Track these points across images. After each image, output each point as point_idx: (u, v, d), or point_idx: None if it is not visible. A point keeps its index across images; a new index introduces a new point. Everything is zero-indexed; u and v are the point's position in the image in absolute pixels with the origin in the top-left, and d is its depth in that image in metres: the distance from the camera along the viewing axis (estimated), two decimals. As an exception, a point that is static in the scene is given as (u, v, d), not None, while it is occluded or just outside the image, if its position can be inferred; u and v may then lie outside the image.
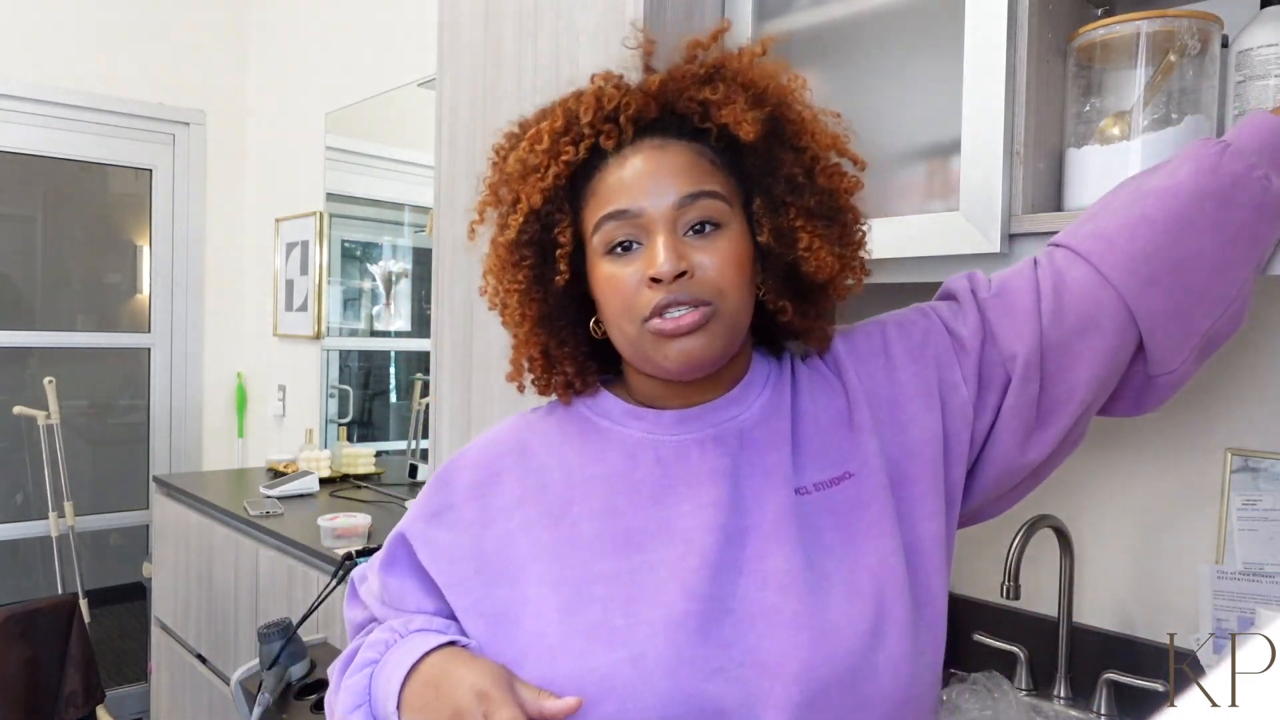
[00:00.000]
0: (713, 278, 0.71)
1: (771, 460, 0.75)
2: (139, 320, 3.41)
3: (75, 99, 3.15)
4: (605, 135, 0.74)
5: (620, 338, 0.75)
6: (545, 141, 0.75)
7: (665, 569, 0.70)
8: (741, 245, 0.74)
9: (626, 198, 0.72)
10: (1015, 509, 1.31)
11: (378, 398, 2.95)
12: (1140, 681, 1.13)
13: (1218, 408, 1.15)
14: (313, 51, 3.10)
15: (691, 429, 0.77)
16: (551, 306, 0.78)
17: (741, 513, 0.73)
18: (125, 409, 3.44)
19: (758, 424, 0.77)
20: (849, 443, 0.77)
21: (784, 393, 0.79)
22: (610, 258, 0.74)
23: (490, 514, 0.77)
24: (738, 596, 0.69)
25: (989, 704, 1.13)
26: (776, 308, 0.78)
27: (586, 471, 0.77)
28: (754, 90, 0.75)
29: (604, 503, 0.75)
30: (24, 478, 3.19)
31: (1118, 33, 0.98)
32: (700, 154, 0.74)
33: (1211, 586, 1.10)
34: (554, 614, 0.70)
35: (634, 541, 0.72)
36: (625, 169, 0.73)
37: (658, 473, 0.75)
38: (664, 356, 0.72)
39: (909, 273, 1.16)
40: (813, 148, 0.77)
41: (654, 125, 0.75)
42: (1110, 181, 0.97)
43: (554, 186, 0.75)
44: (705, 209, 0.72)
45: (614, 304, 0.74)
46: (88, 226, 3.37)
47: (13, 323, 3.18)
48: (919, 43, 1.14)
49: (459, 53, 1.56)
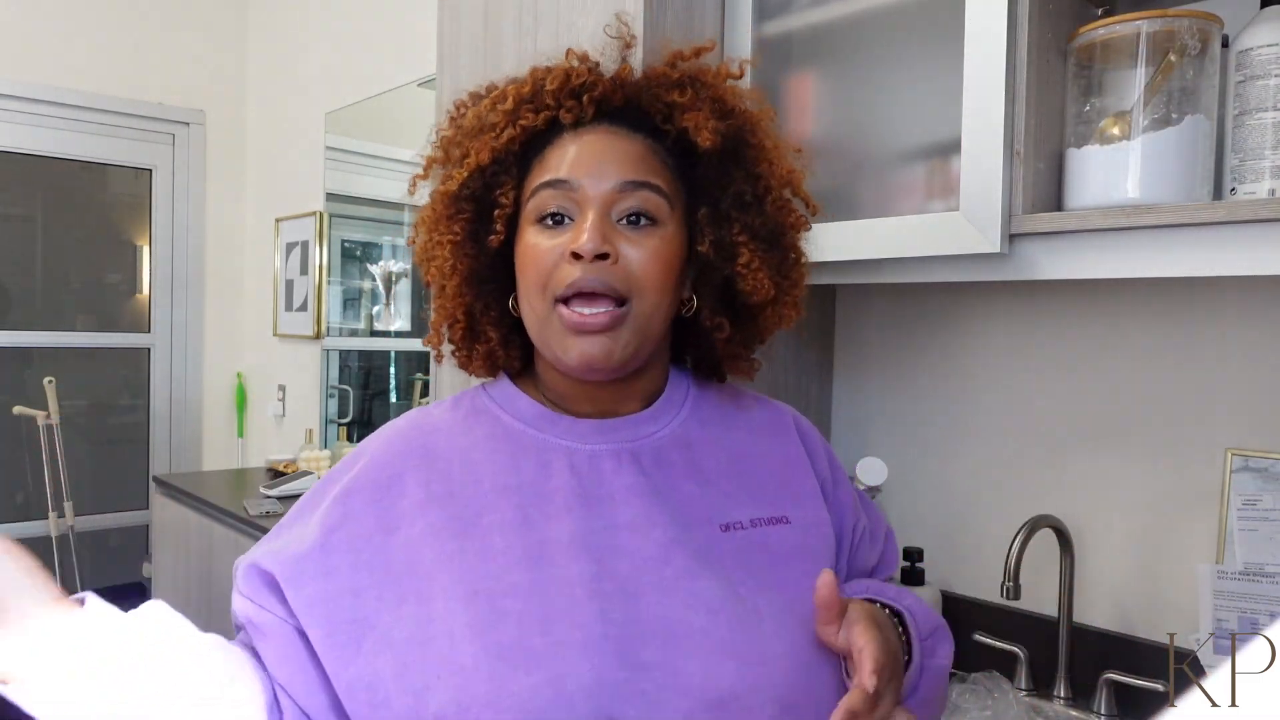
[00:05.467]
0: (634, 271, 0.70)
1: (695, 486, 0.74)
2: (139, 320, 3.41)
3: (75, 99, 3.15)
4: (566, 110, 0.73)
5: (530, 315, 0.73)
6: (509, 103, 0.74)
7: (581, 586, 0.66)
8: (672, 248, 0.72)
9: (568, 169, 0.71)
10: (1015, 509, 1.31)
11: (378, 398, 2.95)
12: (1140, 681, 1.13)
13: (1218, 408, 1.15)
14: (313, 51, 3.10)
15: (608, 440, 0.75)
16: (482, 265, 0.76)
17: (663, 534, 0.70)
18: (125, 409, 3.44)
19: (679, 444, 0.76)
20: (792, 491, 0.78)
21: (706, 418, 0.79)
22: (539, 227, 0.72)
23: (392, 519, 0.71)
24: (661, 618, 0.66)
25: (989, 704, 1.13)
26: (713, 324, 0.77)
27: (498, 479, 0.72)
28: (721, 105, 0.75)
29: (516, 513, 0.70)
30: (24, 478, 3.19)
31: (1118, 33, 0.98)
32: (653, 150, 0.74)
33: (1211, 586, 1.09)
34: (466, 631, 0.64)
35: (548, 554, 0.68)
36: (575, 144, 0.73)
37: (573, 482, 0.72)
38: (564, 349, 0.70)
39: (909, 273, 1.16)
40: (767, 177, 0.76)
41: (617, 113, 0.75)
42: (1110, 181, 0.97)
43: (505, 147, 0.73)
44: (644, 200, 0.71)
45: (530, 275, 0.72)
46: (88, 226, 3.37)
47: (13, 323, 3.17)
48: (919, 43, 1.14)
49: (459, 53, 1.56)
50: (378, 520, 0.70)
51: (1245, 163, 0.93)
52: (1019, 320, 1.33)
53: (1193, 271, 0.92)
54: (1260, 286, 1.12)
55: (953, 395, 1.41)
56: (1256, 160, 0.92)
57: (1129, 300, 1.22)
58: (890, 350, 1.49)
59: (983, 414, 1.37)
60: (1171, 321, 1.19)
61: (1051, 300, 1.30)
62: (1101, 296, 1.25)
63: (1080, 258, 1.00)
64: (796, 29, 1.27)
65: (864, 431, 1.52)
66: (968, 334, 1.39)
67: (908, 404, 1.46)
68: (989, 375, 1.37)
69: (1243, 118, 0.93)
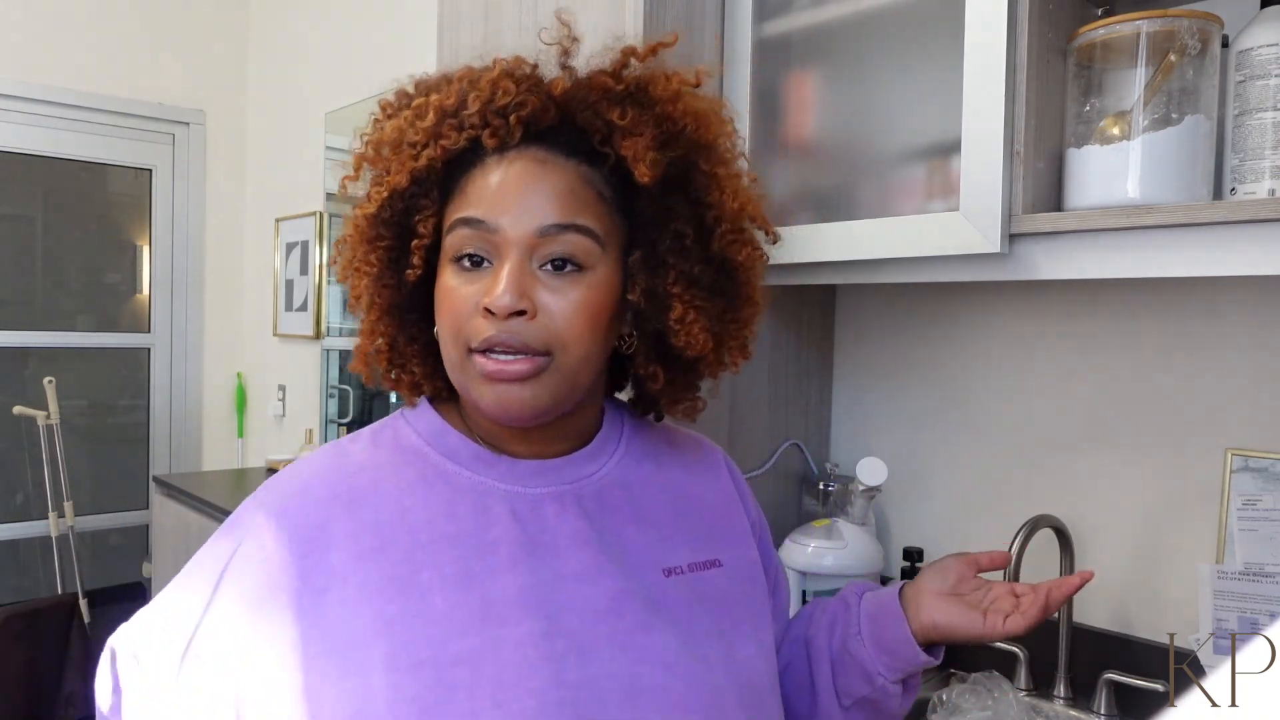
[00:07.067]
0: (556, 326, 0.63)
1: (636, 529, 0.70)
2: (139, 320, 3.41)
3: (75, 99, 3.15)
4: (491, 131, 0.65)
5: (447, 359, 0.67)
6: (429, 118, 0.66)
7: (532, 647, 0.61)
8: (602, 295, 0.65)
9: (486, 207, 0.64)
10: (1015, 509, 1.31)
11: (378, 398, 2.95)
12: (1140, 681, 1.13)
13: (1218, 408, 1.15)
14: (313, 51, 3.10)
15: (550, 483, 0.69)
16: (404, 298, 0.69)
17: (613, 583, 0.66)
18: (125, 409, 3.44)
19: (618, 484, 0.72)
20: (726, 531, 0.76)
21: (642, 455, 0.76)
22: (456, 267, 0.65)
23: (320, 578, 0.62)
24: (617, 675, 0.62)
25: (989, 704, 1.13)
26: (647, 373, 0.71)
27: (435, 529, 0.65)
28: (669, 127, 0.66)
29: (457, 567, 0.63)
30: (24, 478, 3.19)
31: (1118, 32, 0.98)
32: (587, 181, 0.66)
33: (1211, 586, 1.10)
34: (412, 709, 0.58)
35: (494, 614, 0.62)
36: (498, 174, 0.64)
37: (515, 530, 0.66)
38: (480, 396, 0.64)
39: (909, 273, 1.16)
40: (718, 208, 0.68)
41: (549, 133, 0.66)
42: (1110, 181, 0.97)
43: (426, 170, 0.66)
44: (570, 245, 0.63)
45: (445, 321, 0.65)
46: (88, 226, 3.36)
47: (13, 323, 3.17)
48: (919, 43, 1.14)
49: (459, 53, 1.56)
50: (304, 580, 0.62)
51: (1245, 163, 0.93)
52: (1019, 320, 1.33)
53: (1193, 271, 0.92)
54: (1260, 286, 1.12)
55: (953, 395, 1.41)
56: (1256, 160, 0.92)
57: (1129, 300, 1.22)
58: (890, 350, 1.49)
59: (983, 414, 1.37)
60: (1171, 321, 1.19)
61: (1051, 300, 1.30)
62: (1101, 296, 1.25)
63: (1080, 258, 0.99)
64: (796, 29, 1.27)
65: (864, 431, 1.52)
66: (968, 334, 1.39)
67: (908, 404, 1.46)
68: (989, 375, 1.37)
69: (1243, 118, 0.93)
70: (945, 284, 1.37)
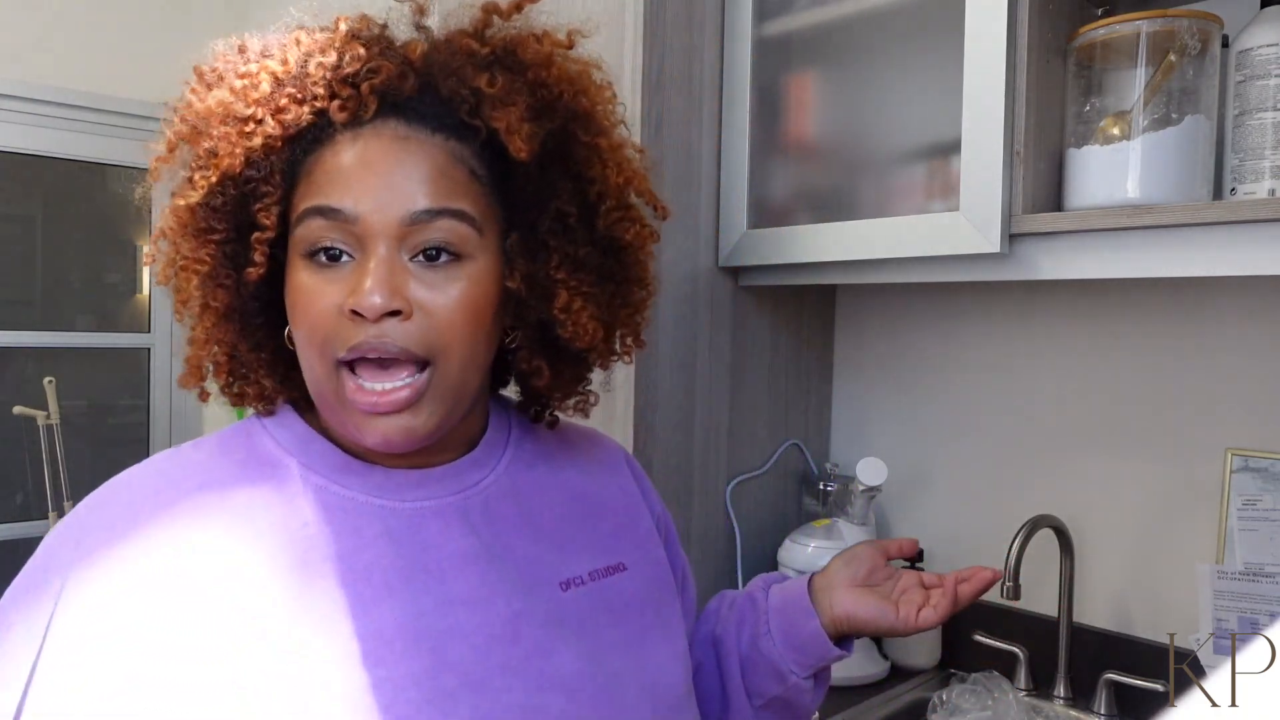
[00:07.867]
0: (436, 325, 0.55)
1: (530, 541, 0.63)
2: (139, 320, 3.41)
3: (75, 99, 3.15)
4: (341, 104, 0.56)
5: (309, 374, 0.58)
6: (264, 87, 0.57)
7: (416, 688, 0.54)
8: (483, 287, 0.57)
9: (343, 193, 0.55)
10: (1015, 509, 1.31)
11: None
12: (1140, 681, 1.13)
13: (1218, 408, 1.15)
14: (313, 51, 3.10)
15: (431, 494, 0.61)
16: (245, 299, 0.59)
17: (506, 605, 0.59)
18: (125, 409, 3.44)
19: (507, 493, 0.65)
20: (630, 532, 0.71)
21: (533, 458, 0.69)
22: (310, 264, 0.56)
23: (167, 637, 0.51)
24: (514, 708, 0.56)
25: (989, 704, 1.13)
26: (531, 369, 0.64)
27: (298, 555, 0.55)
28: (544, 94, 0.59)
29: (331, 607, 0.54)
30: (24, 478, 3.19)
31: (1118, 33, 0.98)
32: (458, 158, 0.57)
33: (1211, 586, 1.10)
34: None
35: (374, 655, 0.54)
36: (353, 154, 0.55)
37: (390, 553, 0.57)
38: (358, 428, 0.56)
39: (909, 273, 1.16)
40: (601, 183, 0.61)
41: (408, 105, 0.57)
42: (1110, 181, 0.97)
43: (263, 150, 0.56)
44: (446, 232, 0.55)
45: (303, 329, 0.56)
46: (87, 226, 3.37)
47: (12, 323, 3.17)
48: (919, 43, 1.14)
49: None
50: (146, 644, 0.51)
51: (1245, 163, 0.93)
52: (1019, 320, 1.33)
53: (1192, 271, 0.92)
54: (1260, 286, 1.12)
55: (953, 395, 1.41)
56: (1256, 160, 0.92)
57: (1129, 300, 1.22)
58: (890, 350, 1.49)
59: (983, 414, 1.37)
60: (1171, 321, 1.19)
61: (1051, 300, 1.30)
62: (1101, 296, 1.25)
63: (1080, 258, 1.00)
64: (796, 29, 1.27)
65: (864, 431, 1.52)
66: (968, 334, 1.39)
67: (908, 404, 1.46)
68: (989, 375, 1.37)
69: (1243, 118, 0.93)
70: (945, 284, 1.37)
